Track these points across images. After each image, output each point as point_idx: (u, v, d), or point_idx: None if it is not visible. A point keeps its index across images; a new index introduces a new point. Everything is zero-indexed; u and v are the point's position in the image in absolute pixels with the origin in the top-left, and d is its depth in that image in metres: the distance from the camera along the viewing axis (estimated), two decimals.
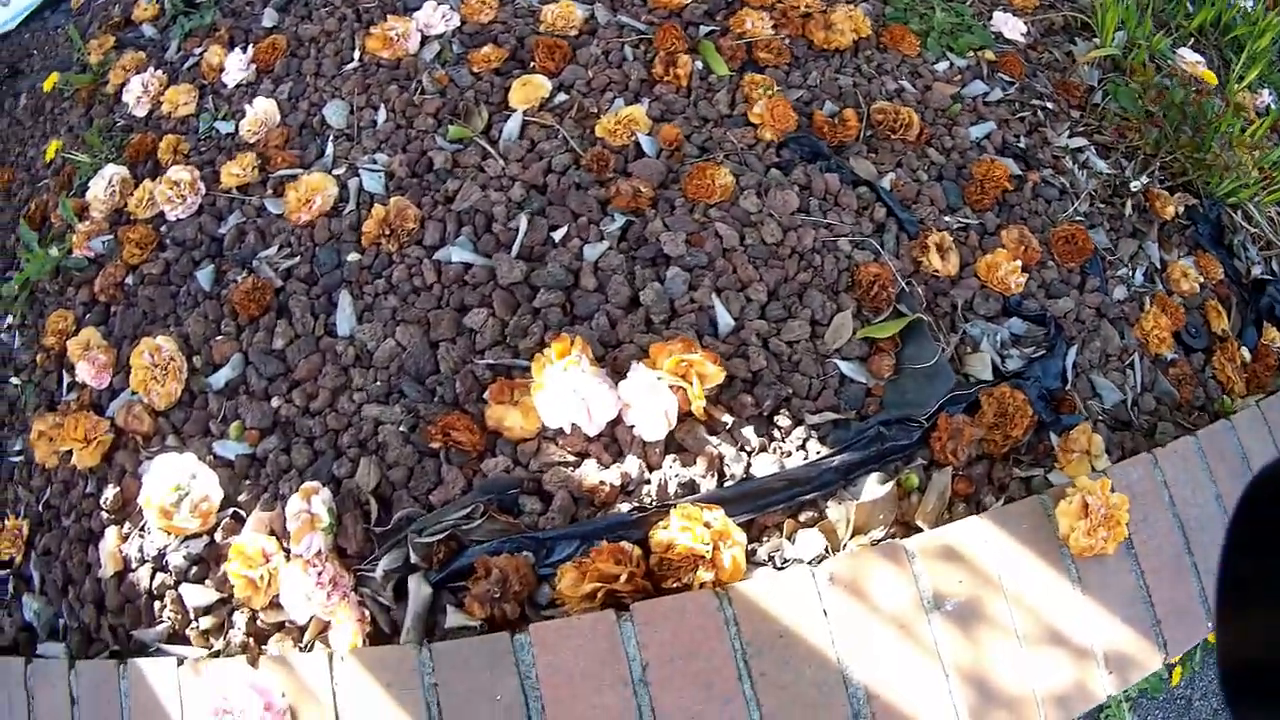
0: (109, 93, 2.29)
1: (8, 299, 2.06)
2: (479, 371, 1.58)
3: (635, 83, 1.94)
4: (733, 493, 1.42)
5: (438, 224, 1.73)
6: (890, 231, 1.80)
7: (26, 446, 1.85)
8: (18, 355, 1.99)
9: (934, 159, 1.96)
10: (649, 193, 1.74)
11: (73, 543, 1.70)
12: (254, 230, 1.83)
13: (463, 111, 1.88)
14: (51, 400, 1.88)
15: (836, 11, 2.11)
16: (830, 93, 2.00)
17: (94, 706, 1.54)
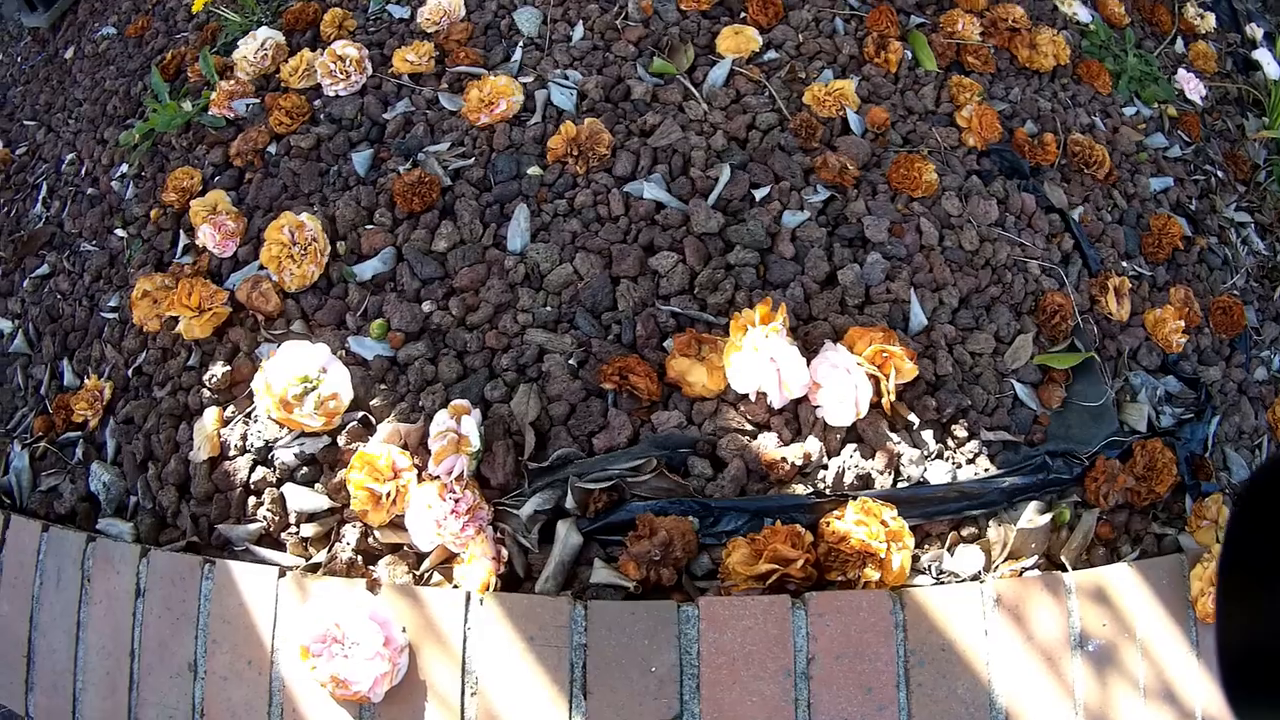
0: None
1: (125, 146, 1.87)
2: (661, 317, 1.42)
3: (845, 58, 1.80)
4: (907, 494, 1.31)
5: (630, 155, 1.57)
6: (1075, 264, 1.70)
7: (124, 304, 1.66)
8: (128, 206, 1.80)
9: (1118, 202, 1.86)
10: (854, 171, 1.60)
11: (162, 417, 1.51)
12: (423, 122, 1.66)
13: (667, 46, 1.72)
14: (160, 260, 1.69)
15: (1042, 34, 1.99)
16: (1030, 112, 1.88)
17: (164, 603, 1.35)
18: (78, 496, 1.55)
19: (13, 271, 1.91)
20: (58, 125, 2.15)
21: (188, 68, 1.94)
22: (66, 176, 2.00)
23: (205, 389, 1.49)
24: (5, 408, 1.76)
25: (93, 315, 1.72)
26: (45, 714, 1.48)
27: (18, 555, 1.53)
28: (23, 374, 1.76)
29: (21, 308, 1.85)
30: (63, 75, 2.35)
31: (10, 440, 1.71)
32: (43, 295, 1.83)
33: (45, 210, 1.96)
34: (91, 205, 1.87)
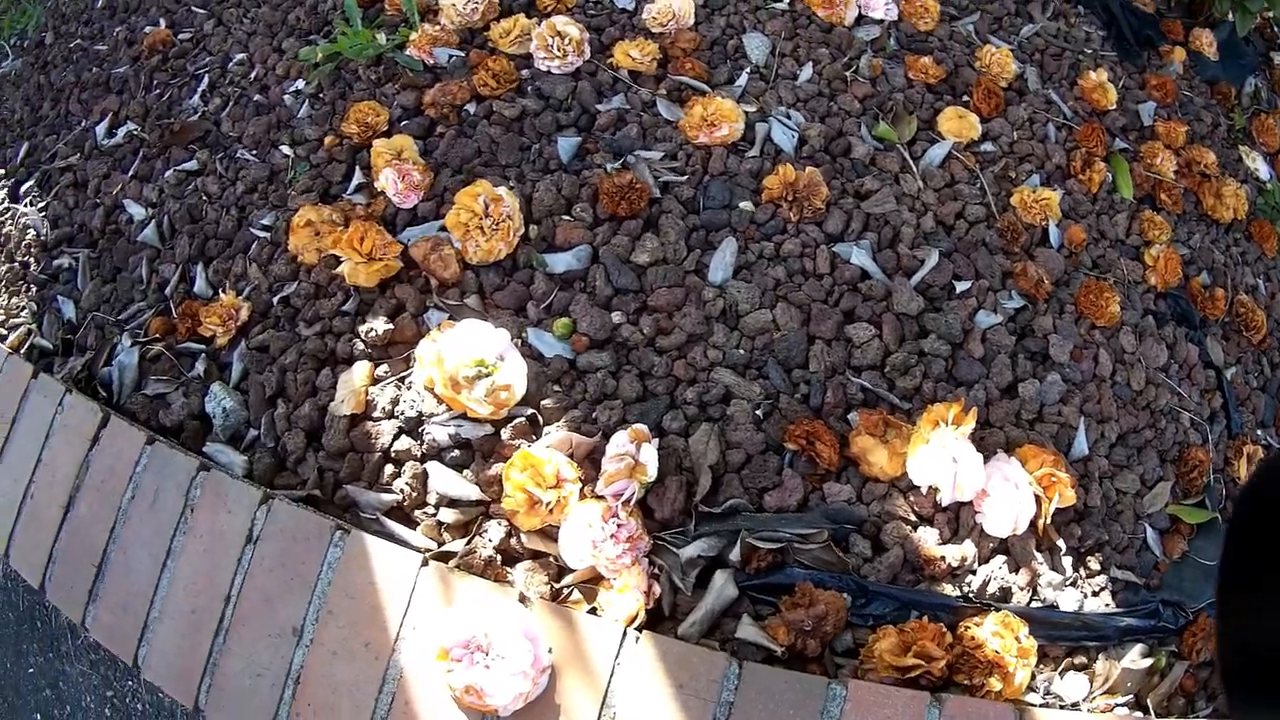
0: None
1: (305, 61, 1.77)
2: (851, 389, 1.36)
3: (1052, 166, 1.76)
4: (1040, 615, 1.29)
5: (843, 214, 1.51)
6: (1220, 423, 1.68)
7: (279, 226, 1.56)
8: (300, 125, 1.69)
9: (1265, 369, 1.85)
10: (1048, 286, 1.56)
11: (305, 356, 1.41)
12: (636, 123, 1.58)
13: (891, 112, 1.65)
14: (327, 190, 1.59)
15: (1227, 185, 1.96)
16: (1206, 262, 1.86)
17: (279, 558, 1.25)
18: (188, 413, 1.44)
19: (155, 158, 1.79)
20: (230, 20, 2.04)
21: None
22: (233, 76, 1.88)
23: (360, 340, 1.39)
24: (121, 296, 1.65)
25: (240, 228, 1.61)
26: (106, 631, 1.37)
27: (110, 460, 1.42)
28: (148, 266, 1.64)
29: (159, 198, 1.73)
30: None
31: (120, 331, 1.59)
32: (185, 192, 1.71)
33: (203, 104, 1.85)
34: (258, 113, 1.76)
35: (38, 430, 1.49)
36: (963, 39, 1.89)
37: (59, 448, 1.46)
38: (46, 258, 1.78)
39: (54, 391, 1.50)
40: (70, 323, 1.67)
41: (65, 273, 1.75)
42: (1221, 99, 2.22)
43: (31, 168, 2.00)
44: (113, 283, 1.68)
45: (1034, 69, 1.90)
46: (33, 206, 1.88)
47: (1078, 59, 1.99)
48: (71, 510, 1.42)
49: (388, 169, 1.51)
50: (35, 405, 1.52)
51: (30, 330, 1.70)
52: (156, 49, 2.04)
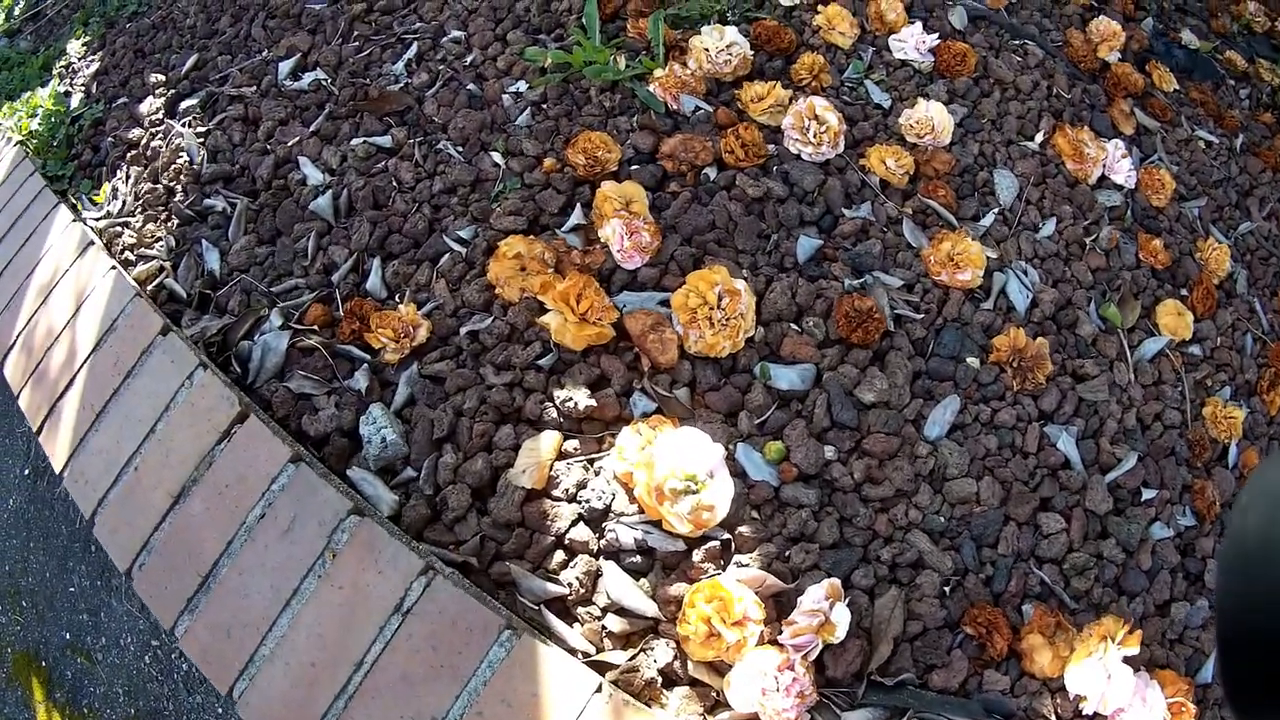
0: None
1: (532, 63, 1.57)
2: (1031, 580, 1.25)
3: (1242, 380, 1.65)
4: None
5: (1058, 393, 1.38)
6: None
7: (478, 244, 1.37)
8: (516, 134, 1.50)
9: None
10: (1218, 508, 1.47)
11: (487, 405, 1.24)
12: (879, 240, 1.42)
13: (1120, 292, 1.52)
14: (537, 218, 1.41)
15: None
16: None
17: (430, 640, 1.10)
18: (337, 427, 1.26)
19: (343, 118, 1.58)
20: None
21: (629, 16, 1.65)
22: (445, 53, 1.66)
23: (554, 406, 1.23)
24: (278, 264, 1.44)
25: (432, 232, 1.42)
26: (200, 649, 1.20)
27: (242, 466, 1.23)
28: (315, 241, 1.44)
29: (340, 165, 1.52)
30: None
31: (270, 305, 1.40)
32: (373, 169, 1.51)
33: (407, 75, 1.63)
34: (470, 105, 1.56)
35: (157, 398, 1.29)
36: (1188, 224, 1.75)
37: (180, 428, 1.26)
38: (198, 190, 1.57)
39: (185, 359, 1.30)
40: (212, 275, 1.47)
41: (216, 215, 1.53)
42: None
43: (197, 84, 1.76)
44: (270, 245, 1.48)
45: (1243, 271, 1.78)
46: (190, 129, 1.66)
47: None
48: (181, 503, 1.23)
49: (615, 219, 1.33)
50: (159, 367, 1.32)
51: (163, 268, 1.50)
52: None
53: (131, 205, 1.63)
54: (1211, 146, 1.97)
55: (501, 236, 1.36)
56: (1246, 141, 2.07)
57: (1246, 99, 2.21)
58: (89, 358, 1.40)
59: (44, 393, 1.43)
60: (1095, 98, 1.83)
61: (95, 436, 1.34)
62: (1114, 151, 1.67)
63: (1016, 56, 1.79)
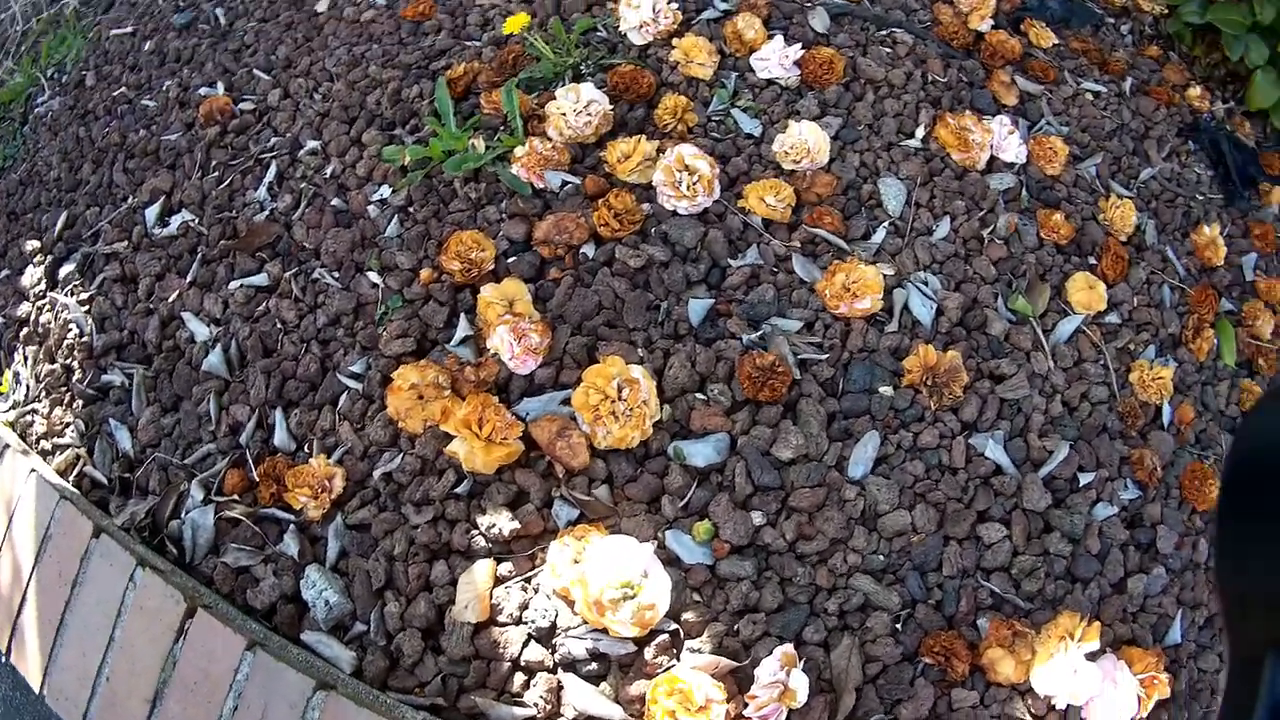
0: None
1: (390, 163, 1.67)
2: (981, 595, 1.43)
3: (1165, 335, 1.82)
4: None
5: (978, 400, 1.54)
6: None
7: (372, 377, 1.49)
8: (388, 246, 1.62)
9: None
10: (1160, 473, 1.65)
11: (416, 546, 1.37)
12: (771, 283, 1.56)
13: (1025, 279, 1.67)
14: (425, 335, 1.52)
15: None
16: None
17: None
18: (280, 594, 1.39)
19: (216, 261, 1.69)
20: (298, 93, 1.93)
21: (481, 92, 1.75)
22: (304, 168, 1.78)
23: (480, 534, 1.35)
24: (185, 433, 1.57)
25: (326, 372, 1.54)
26: None
27: (204, 662, 1.37)
28: (216, 402, 1.56)
29: (224, 314, 1.64)
30: (310, 30, 2.10)
31: (188, 478, 1.51)
32: (255, 312, 1.62)
33: (270, 199, 1.75)
34: (337, 223, 1.67)
35: (108, 604, 1.43)
36: (1087, 185, 1.92)
37: (137, 632, 1.40)
38: (94, 368, 1.69)
39: (122, 561, 1.43)
40: (127, 457, 1.59)
41: (117, 390, 1.66)
42: None
43: (71, 244, 1.89)
44: (174, 412, 1.60)
45: (1151, 221, 1.94)
46: (73, 298, 1.76)
47: (1189, 206, 2.05)
48: (159, 706, 1.37)
49: (502, 328, 1.45)
50: (101, 573, 1.45)
51: (79, 456, 1.61)
52: (214, 118, 1.93)
53: (35, 390, 1.76)
54: (1100, 97, 2.14)
55: (394, 365, 1.49)
56: (1136, 82, 2.24)
57: (1129, 35, 2.36)
58: (33, 571, 1.53)
59: (2, 612, 1.55)
60: (973, 74, 2.00)
61: (62, 652, 1.48)
62: (1000, 129, 1.81)
63: (885, 49, 1.93)
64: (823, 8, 1.93)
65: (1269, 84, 2.21)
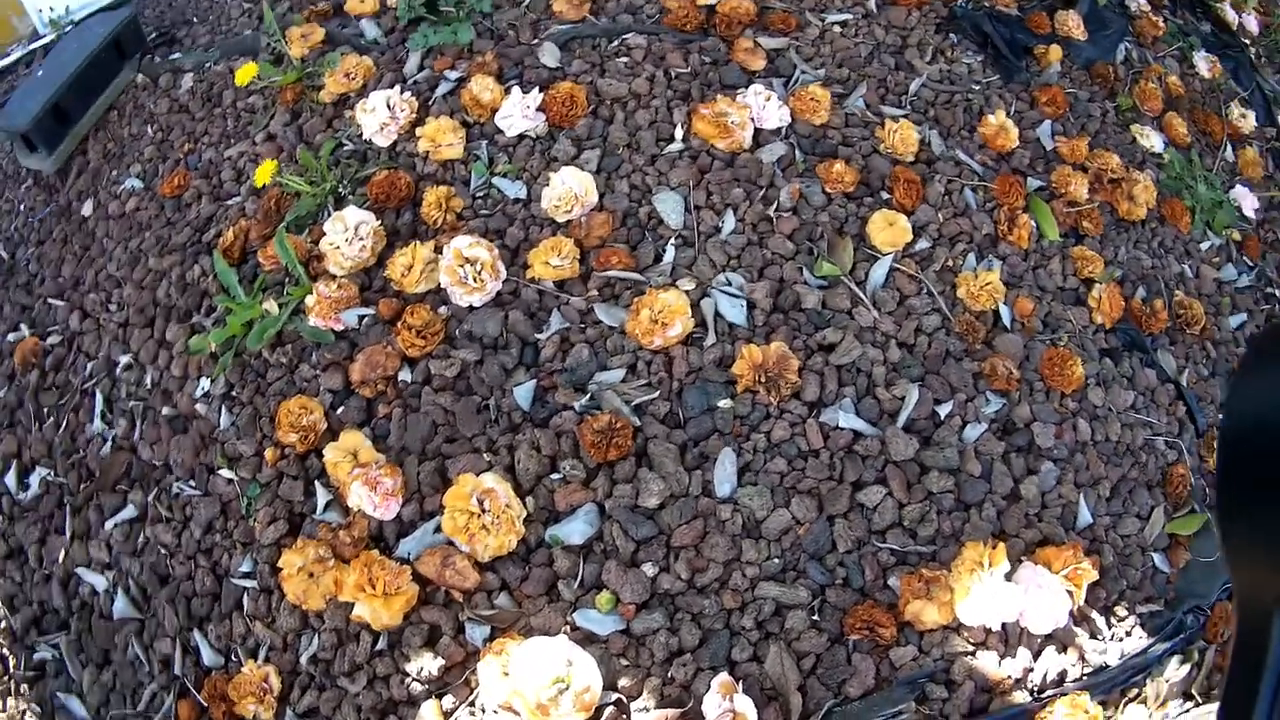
0: (323, 100, 2.10)
1: (200, 353, 1.83)
2: (883, 557, 1.69)
3: (981, 236, 2.11)
4: (1092, 680, 1.69)
5: (816, 377, 1.81)
6: (1189, 430, 2.11)
7: (261, 570, 1.68)
8: (227, 437, 1.82)
9: (1210, 352, 2.30)
10: (1017, 374, 1.92)
11: (365, 713, 1.60)
12: (583, 341, 1.79)
13: (824, 240, 1.89)
14: (292, 512, 1.72)
15: (1136, 184, 2.36)
16: (1136, 273, 2.29)
17: None
18: None
19: (85, 507, 1.87)
20: (94, 309, 2.15)
21: (257, 250, 1.92)
22: (126, 385, 2.02)
23: (415, 681, 1.56)
24: (126, 682, 1.79)
25: (220, 581, 1.74)
26: None
27: None
28: (139, 644, 1.79)
29: (111, 557, 1.88)
30: (85, 239, 2.32)
31: None
32: (138, 546, 1.86)
33: (107, 428, 1.98)
34: (174, 431, 1.88)
35: None
36: (859, 120, 2.18)
37: None
38: (23, 650, 1.90)
39: None
40: None
41: (52, 664, 1.89)
42: (1102, 81, 2.65)
43: None
44: (107, 666, 1.82)
45: (934, 131, 2.22)
46: None
47: (969, 100, 2.32)
48: None
49: (356, 485, 1.66)
50: None
51: None
52: (30, 362, 2.16)
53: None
54: (848, 25, 2.40)
55: (276, 552, 1.70)
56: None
57: None
58: None
59: None
60: (715, 52, 2.25)
61: None
62: (756, 101, 2.05)
63: (622, 59, 2.18)
64: (549, 41, 2.14)
65: None
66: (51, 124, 2.50)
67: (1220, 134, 2.87)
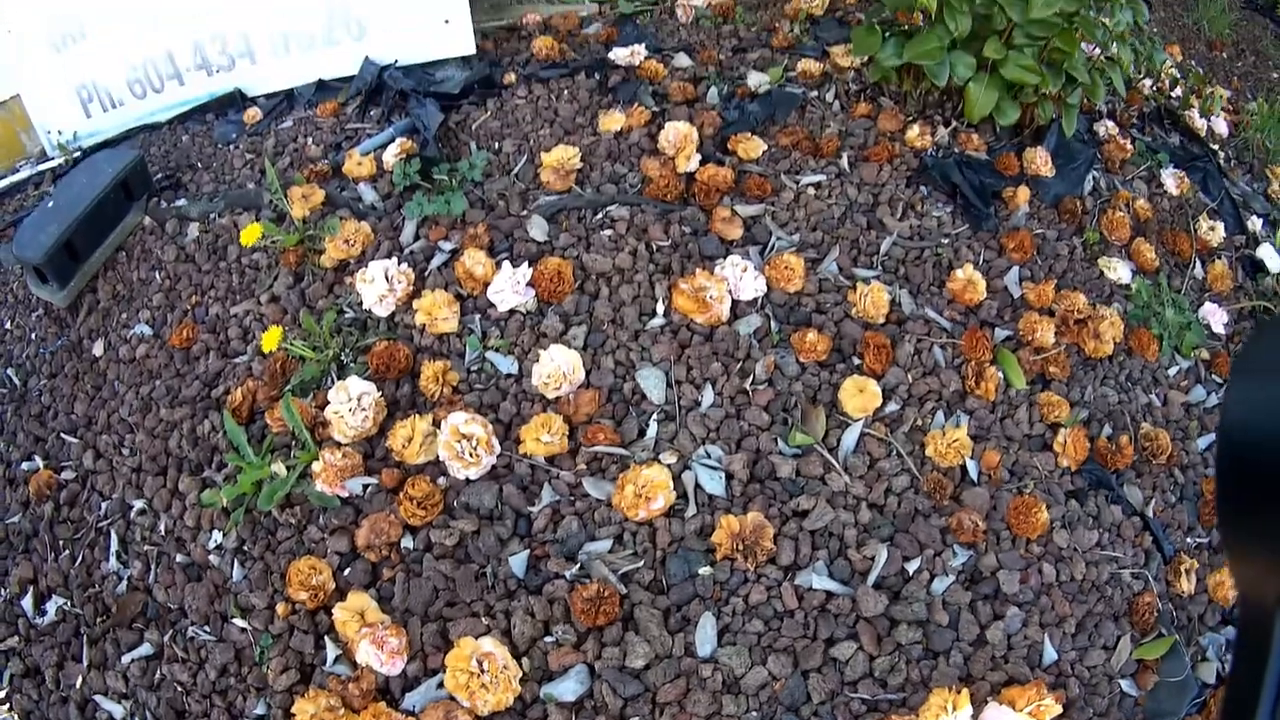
0: (324, 265, 2.72)
1: (212, 507, 2.44)
2: (854, 705, 2.20)
3: (950, 393, 2.64)
4: None
5: (790, 542, 2.32)
6: (1155, 559, 2.64)
7: (274, 715, 2.25)
8: (239, 588, 2.37)
9: (1177, 478, 2.83)
10: (983, 525, 2.44)
11: None
12: (572, 513, 2.33)
13: (799, 410, 2.51)
14: (303, 662, 2.29)
15: (1103, 321, 2.89)
16: (1102, 410, 2.80)
17: None
18: None
19: (101, 639, 2.41)
20: (107, 451, 2.65)
21: (264, 410, 2.51)
22: (140, 529, 2.49)
23: None
24: None
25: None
26: None
27: None
28: None
29: (128, 688, 2.35)
30: (97, 379, 2.85)
31: None
32: (155, 680, 2.34)
33: (123, 568, 2.47)
34: (189, 578, 2.39)
35: None
36: (832, 285, 2.73)
37: None
38: None
39: None
40: None
41: None
42: (1070, 216, 3.20)
43: None
44: None
45: (904, 290, 2.77)
46: None
47: (937, 253, 2.89)
48: None
49: (364, 643, 2.23)
50: None
51: None
52: (44, 494, 2.64)
53: None
54: (821, 187, 2.97)
55: (289, 699, 2.23)
56: (853, 154, 3.07)
57: (836, 100, 3.23)
58: None
59: None
60: (694, 221, 2.80)
61: None
62: (733, 274, 2.61)
63: (606, 232, 2.73)
64: (537, 214, 2.74)
65: (982, 91, 3.03)
66: (63, 259, 3.04)
67: (1189, 252, 3.45)
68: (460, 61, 3.59)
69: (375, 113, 3.40)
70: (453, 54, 3.55)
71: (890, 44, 3.09)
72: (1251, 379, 0.75)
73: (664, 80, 3.41)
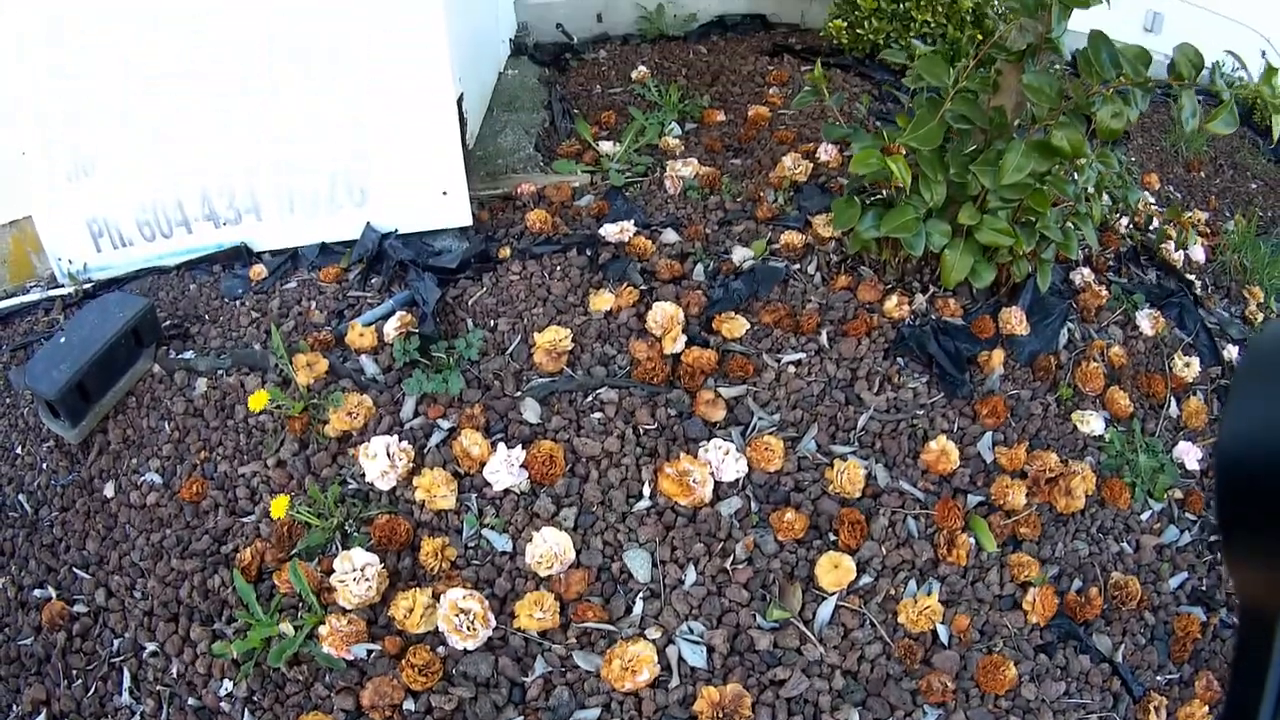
0: (329, 434, 3.50)
1: (222, 658, 3.22)
2: None
3: (923, 562, 3.33)
4: None
5: (767, 709, 2.99)
6: (1124, 700, 3.33)
7: None
8: None
9: (1148, 620, 3.51)
10: (952, 686, 3.11)
11: None
12: (563, 684, 3.01)
13: (777, 586, 3.37)
14: None
15: (1074, 478, 3.62)
16: (1073, 564, 3.49)
17: None
18: None
19: None
20: (119, 591, 3.32)
21: (272, 572, 3.20)
22: (153, 669, 3.14)
23: None
24: None
25: None
26: None
27: None
28: None
29: None
30: (108, 520, 3.56)
31: None
32: None
33: (135, 703, 3.10)
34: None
35: None
36: (810, 463, 3.45)
37: None
38: None
39: None
40: None
41: None
42: (1044, 373, 3.94)
43: None
44: None
45: (880, 464, 3.49)
46: None
47: (913, 424, 3.62)
48: None
49: None
50: None
51: None
52: (56, 624, 3.29)
53: None
54: (801, 365, 3.71)
55: None
56: (833, 329, 3.82)
57: (817, 273, 4.01)
58: None
59: None
60: (679, 404, 3.52)
61: None
62: (715, 456, 3.31)
63: (596, 415, 3.48)
64: (530, 397, 3.53)
65: (958, 257, 3.78)
66: (75, 399, 3.75)
67: (1164, 392, 4.18)
68: (458, 231, 4.44)
69: (376, 281, 4.21)
70: (450, 225, 4.41)
71: (869, 215, 3.85)
72: (1252, 388, 0.87)
73: (652, 257, 4.28)
